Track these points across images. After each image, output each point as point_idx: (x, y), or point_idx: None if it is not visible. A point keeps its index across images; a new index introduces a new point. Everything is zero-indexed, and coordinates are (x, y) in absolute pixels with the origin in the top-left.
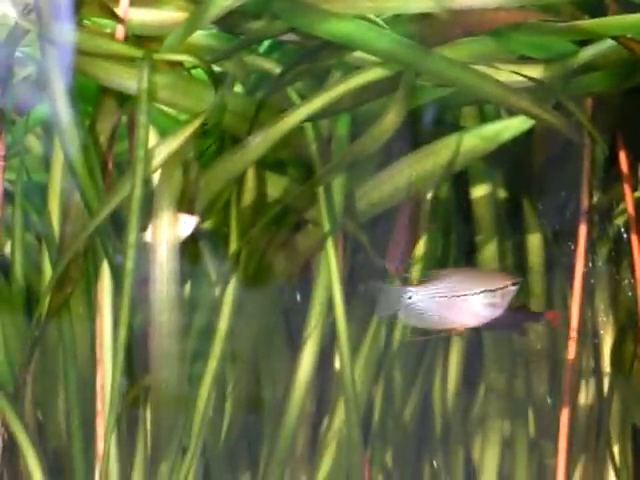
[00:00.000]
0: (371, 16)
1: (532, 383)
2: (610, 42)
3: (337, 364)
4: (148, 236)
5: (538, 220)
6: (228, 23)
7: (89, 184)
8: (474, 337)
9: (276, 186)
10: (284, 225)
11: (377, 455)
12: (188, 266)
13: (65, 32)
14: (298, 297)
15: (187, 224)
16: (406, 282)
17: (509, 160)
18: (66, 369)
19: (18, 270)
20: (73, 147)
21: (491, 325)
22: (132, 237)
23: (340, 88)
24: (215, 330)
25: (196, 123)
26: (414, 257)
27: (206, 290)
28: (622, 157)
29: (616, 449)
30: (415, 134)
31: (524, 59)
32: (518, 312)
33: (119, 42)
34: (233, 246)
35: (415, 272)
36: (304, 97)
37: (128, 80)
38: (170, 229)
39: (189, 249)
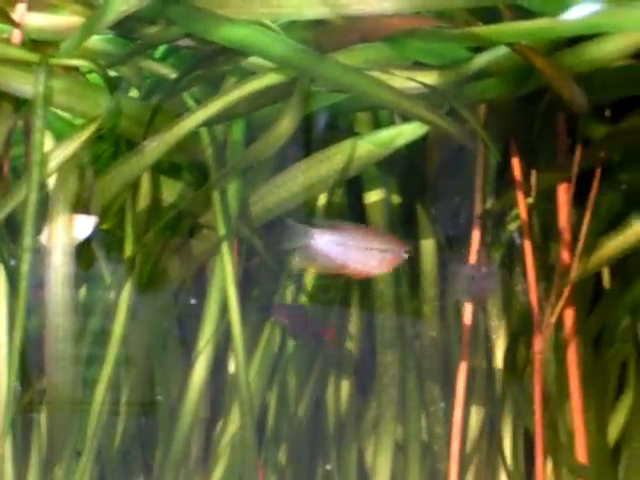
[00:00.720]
0: (266, 22)
1: (425, 387)
2: (504, 49)
3: (232, 368)
4: (44, 238)
5: (432, 225)
6: (124, 28)
7: None
8: (367, 340)
9: (171, 191)
10: (179, 229)
11: (271, 458)
12: (83, 270)
13: None
14: (193, 301)
15: (86, 225)
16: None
17: (403, 166)
18: None
19: None
20: None
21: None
22: (27, 241)
23: (235, 93)
24: (110, 334)
25: (92, 127)
26: None
27: (101, 294)
28: (515, 163)
29: (508, 453)
30: (310, 140)
31: (419, 65)
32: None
33: (15, 46)
34: (128, 250)
35: None
36: (200, 102)
37: (24, 84)
38: (65, 233)
39: (84, 253)
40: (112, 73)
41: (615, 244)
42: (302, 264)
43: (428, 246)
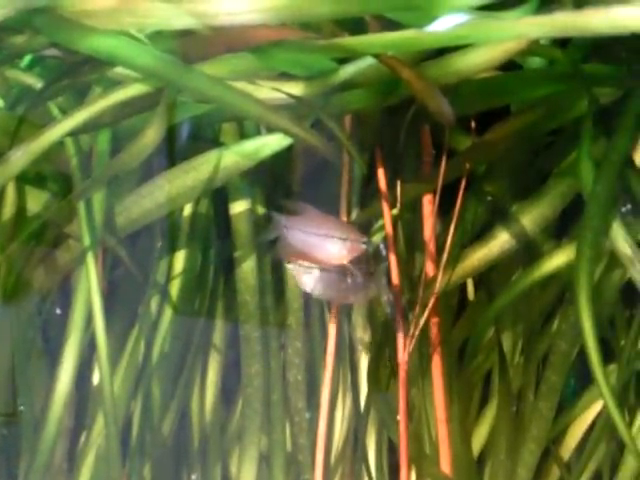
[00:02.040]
0: (133, 32)
1: (290, 397)
2: (370, 60)
3: (96, 378)
4: None
5: None
6: None
7: None
8: (232, 351)
9: (36, 200)
10: (44, 239)
11: (135, 469)
12: None
13: None
14: (57, 311)
15: None
16: None
17: (268, 176)
18: None
19: None
20: None
21: None
22: None
23: (101, 103)
24: None
25: None
26: None
27: None
28: (380, 174)
29: (372, 463)
30: (175, 150)
31: (285, 76)
32: None
33: None
34: None
35: None
36: (65, 112)
37: None
38: None
39: None
40: None
41: (479, 255)
42: (282, 255)
43: None
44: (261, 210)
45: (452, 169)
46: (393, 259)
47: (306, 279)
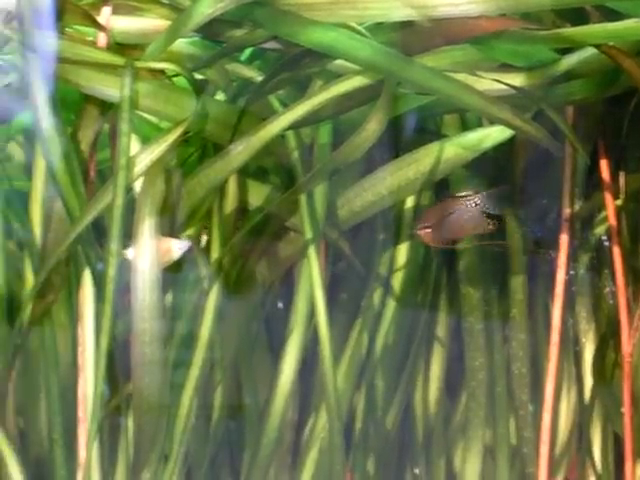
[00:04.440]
0: (353, 24)
1: (514, 390)
2: (592, 50)
3: (319, 370)
4: (130, 255)
5: (520, 228)
6: (210, 31)
7: (71, 192)
8: (456, 344)
9: (258, 194)
10: (266, 233)
11: (359, 462)
12: (170, 274)
13: (47, 40)
14: (280, 304)
15: (179, 248)
16: None
17: (490, 168)
18: (48, 377)
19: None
20: (55, 155)
21: None
22: (114, 245)
23: (322, 96)
24: (197, 338)
25: (178, 131)
26: None
27: (188, 298)
28: (603, 165)
29: (597, 456)
30: (396, 142)
31: (506, 67)
32: None
33: (101, 50)
34: (215, 254)
35: None
36: (286, 105)
37: (110, 88)
38: (151, 238)
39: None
40: (198, 76)
41: None
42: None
43: (517, 248)
44: None
45: None
46: (617, 251)
47: None
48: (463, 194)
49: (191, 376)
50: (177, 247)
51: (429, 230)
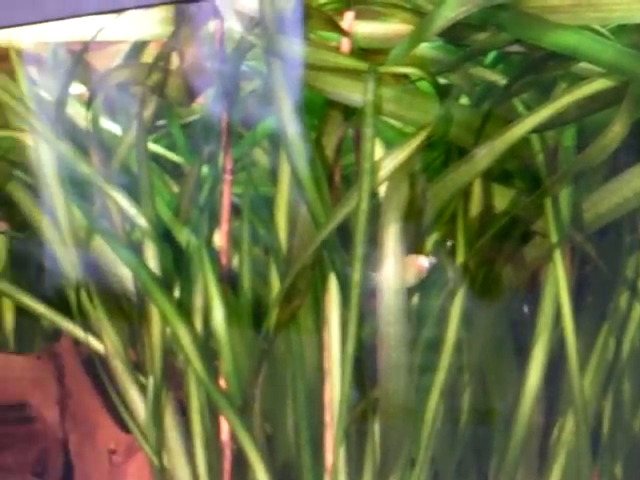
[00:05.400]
0: (596, 27)
1: None
2: None
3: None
4: (379, 278)
5: None
6: (453, 35)
7: (316, 197)
8: None
9: (503, 197)
10: (511, 237)
11: (606, 468)
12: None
13: (291, 46)
14: (526, 309)
15: (423, 266)
16: None
17: None
18: (294, 382)
19: (246, 283)
20: (300, 160)
21: None
22: (359, 250)
23: (566, 99)
24: (443, 342)
25: (422, 135)
26: None
27: (433, 301)
28: None
29: None
30: None
31: None
32: None
33: (344, 55)
34: (460, 258)
35: None
36: (530, 108)
37: (354, 93)
38: (396, 242)
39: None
40: (441, 80)
41: None
42: None
43: None
44: None
45: None
46: None
47: None
48: None
49: (437, 380)
50: (425, 264)
51: None
